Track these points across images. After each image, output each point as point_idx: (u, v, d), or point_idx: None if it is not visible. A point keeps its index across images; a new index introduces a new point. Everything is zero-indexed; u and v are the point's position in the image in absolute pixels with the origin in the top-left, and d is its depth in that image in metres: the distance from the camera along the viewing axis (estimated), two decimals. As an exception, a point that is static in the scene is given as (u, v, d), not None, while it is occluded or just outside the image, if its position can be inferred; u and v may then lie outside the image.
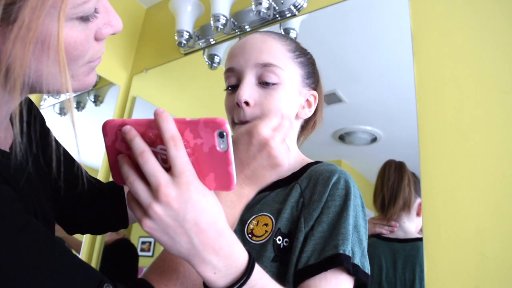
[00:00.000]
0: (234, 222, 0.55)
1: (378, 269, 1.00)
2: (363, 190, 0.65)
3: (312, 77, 0.76)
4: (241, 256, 0.46)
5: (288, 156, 0.56)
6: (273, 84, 0.68)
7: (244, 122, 0.67)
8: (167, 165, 0.43)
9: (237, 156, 0.54)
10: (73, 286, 0.40)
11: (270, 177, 0.56)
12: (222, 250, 0.44)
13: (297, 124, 0.76)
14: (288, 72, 0.70)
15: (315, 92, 0.75)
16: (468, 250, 0.90)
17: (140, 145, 0.42)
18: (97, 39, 0.46)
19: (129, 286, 0.47)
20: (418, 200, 1.03)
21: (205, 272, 0.44)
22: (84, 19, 0.42)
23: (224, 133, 0.42)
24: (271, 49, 0.69)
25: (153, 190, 0.41)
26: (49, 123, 0.66)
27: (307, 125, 0.80)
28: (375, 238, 1.05)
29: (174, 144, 0.41)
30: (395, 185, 1.06)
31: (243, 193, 0.55)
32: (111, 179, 0.52)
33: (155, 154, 0.43)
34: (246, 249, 0.47)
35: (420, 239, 0.97)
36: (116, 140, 0.45)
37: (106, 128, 0.44)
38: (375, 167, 1.11)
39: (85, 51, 0.44)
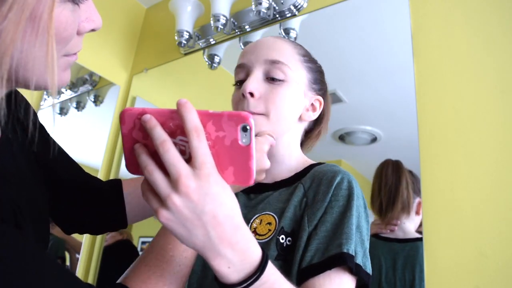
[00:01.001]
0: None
1: (378, 269, 1.00)
2: (363, 190, 0.65)
3: (319, 84, 0.78)
4: (256, 251, 0.46)
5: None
6: (280, 80, 0.70)
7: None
8: (185, 156, 0.42)
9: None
10: None
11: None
12: (238, 245, 0.43)
13: (301, 127, 0.77)
14: (296, 72, 0.72)
15: (320, 98, 0.77)
16: (468, 250, 0.90)
17: (161, 134, 0.41)
18: (78, 32, 0.45)
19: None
20: (417, 200, 1.03)
21: (219, 265, 0.43)
22: (75, 1, 0.42)
23: (248, 127, 0.42)
24: (281, 49, 0.72)
25: (173, 181, 0.40)
26: (48, 123, 0.66)
27: (311, 133, 0.81)
28: (374, 238, 1.05)
29: (196, 135, 0.41)
30: (392, 188, 1.05)
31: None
32: (111, 178, 0.51)
33: (174, 144, 0.42)
34: (260, 246, 0.47)
35: (420, 239, 0.97)
36: (133, 128, 0.44)
37: (125, 116, 0.44)
38: (375, 167, 1.11)
39: (72, 36, 0.44)
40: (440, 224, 0.95)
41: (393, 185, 1.05)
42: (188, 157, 0.42)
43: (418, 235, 1.00)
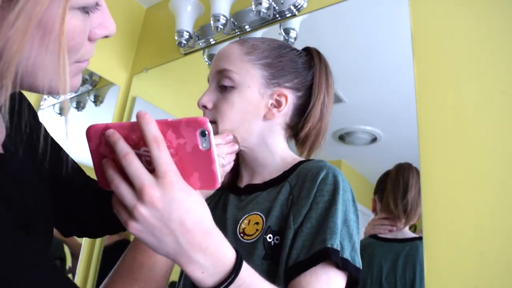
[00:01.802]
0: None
1: (378, 270, 1.00)
2: (363, 190, 0.65)
3: (284, 76, 0.74)
4: (228, 254, 0.46)
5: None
6: (230, 87, 0.72)
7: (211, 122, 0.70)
8: (151, 167, 0.43)
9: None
10: None
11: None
12: (208, 249, 0.44)
13: (273, 125, 0.75)
14: (244, 76, 0.72)
15: (283, 90, 0.73)
16: (468, 249, 0.90)
17: (123, 148, 0.42)
18: (90, 39, 0.45)
19: None
20: None
21: (193, 271, 0.44)
22: (86, 10, 0.42)
23: (206, 132, 0.42)
24: (228, 55, 0.74)
25: (137, 192, 0.41)
26: (48, 123, 0.66)
27: (304, 144, 0.77)
28: (373, 239, 1.05)
29: (156, 145, 0.41)
30: (416, 197, 1.02)
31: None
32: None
33: (139, 156, 0.43)
34: (234, 248, 0.47)
35: (419, 238, 0.97)
36: (100, 144, 0.45)
37: (90, 132, 0.44)
38: (375, 167, 1.11)
39: (81, 45, 0.43)
40: (440, 224, 0.95)
41: (417, 194, 1.02)
42: (154, 168, 0.42)
43: (415, 235, 1.01)
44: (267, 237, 0.63)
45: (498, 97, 0.97)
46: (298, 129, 0.77)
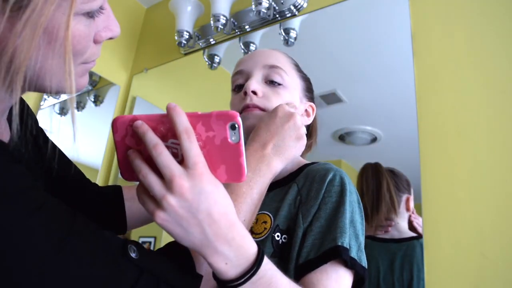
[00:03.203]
0: (264, 190, 0.61)
1: (375, 270, 1.00)
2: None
3: (310, 92, 0.82)
4: (251, 247, 0.47)
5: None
6: (279, 84, 0.74)
7: (245, 109, 0.72)
8: (178, 158, 0.44)
9: (267, 128, 0.63)
10: (98, 255, 0.41)
11: (295, 150, 0.64)
12: (233, 241, 0.45)
13: None
14: (292, 78, 0.76)
15: (313, 104, 0.81)
16: (468, 250, 0.90)
17: (153, 139, 0.43)
18: (95, 41, 0.46)
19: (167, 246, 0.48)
20: (404, 197, 1.04)
21: (217, 262, 0.45)
22: (90, 15, 0.43)
23: (236, 125, 0.43)
24: (278, 57, 0.77)
25: (167, 182, 0.42)
26: (48, 123, 0.66)
27: (311, 137, 0.84)
28: (370, 239, 1.05)
29: (187, 136, 0.42)
30: (374, 193, 1.06)
31: (272, 164, 0.61)
32: (111, 179, 0.52)
33: (166, 148, 0.44)
34: (256, 241, 0.48)
35: (416, 238, 0.97)
36: (126, 135, 0.45)
37: (117, 123, 0.45)
38: (375, 167, 1.11)
39: (87, 48, 0.45)
40: (440, 224, 0.95)
41: (375, 189, 1.06)
42: (181, 159, 0.43)
43: (413, 234, 1.01)
44: (275, 235, 0.64)
45: (498, 97, 0.97)
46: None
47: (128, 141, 0.46)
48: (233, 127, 0.43)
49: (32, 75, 0.41)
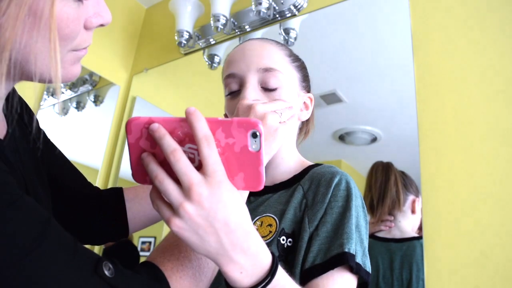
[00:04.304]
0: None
1: (375, 269, 1.00)
2: (362, 190, 0.65)
3: (307, 80, 0.78)
4: (266, 256, 0.46)
5: (283, 138, 0.59)
6: (275, 89, 0.69)
7: None
8: (194, 164, 0.43)
9: None
10: (67, 267, 0.38)
11: (270, 151, 0.57)
12: (249, 250, 0.44)
13: (296, 126, 0.77)
14: (288, 76, 0.71)
15: (311, 95, 0.77)
16: (468, 250, 0.90)
17: (171, 143, 0.42)
18: (86, 27, 0.45)
19: (134, 267, 0.46)
20: (410, 198, 1.04)
21: (232, 271, 0.44)
22: None
23: (258, 133, 0.43)
24: (270, 54, 0.71)
25: (185, 189, 0.41)
26: (48, 123, 0.66)
27: (300, 131, 0.81)
28: (371, 238, 1.05)
29: (207, 143, 0.41)
30: (382, 185, 1.06)
31: None
32: (111, 179, 0.52)
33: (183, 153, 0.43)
34: (270, 251, 0.48)
35: (417, 238, 0.97)
36: (140, 138, 0.44)
37: (131, 125, 0.44)
38: (375, 167, 1.11)
39: (76, 33, 0.44)
40: (440, 224, 0.95)
41: (383, 182, 1.07)
42: (198, 165, 0.43)
43: (414, 235, 1.01)
44: (281, 239, 0.63)
45: (498, 97, 0.97)
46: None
47: (142, 144, 0.45)
48: (254, 135, 0.43)
49: (18, 57, 0.40)
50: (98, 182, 1.78)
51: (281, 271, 0.48)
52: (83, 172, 0.72)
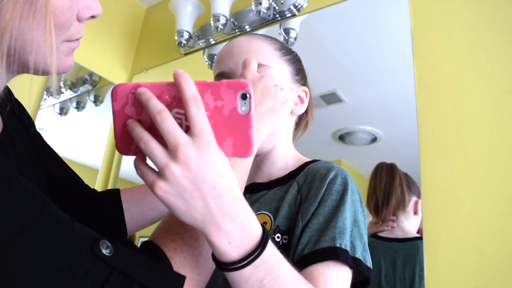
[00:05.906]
0: (247, 169, 0.53)
1: (377, 269, 1.00)
2: (362, 190, 0.65)
3: (301, 73, 0.76)
4: (256, 226, 0.44)
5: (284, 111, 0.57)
6: None
7: None
8: (182, 129, 0.41)
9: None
10: (63, 247, 0.36)
11: (271, 123, 0.54)
12: (238, 218, 0.42)
13: (292, 122, 0.76)
14: (278, 70, 0.70)
15: (305, 88, 0.75)
16: (468, 249, 0.90)
17: (157, 105, 0.40)
18: (78, 19, 0.46)
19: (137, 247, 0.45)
20: (413, 199, 1.04)
21: (219, 241, 0.41)
22: None
23: (248, 95, 0.41)
24: (259, 49, 0.70)
25: (171, 149, 0.39)
26: (48, 123, 0.66)
27: (299, 125, 0.80)
28: (373, 238, 1.05)
29: (195, 103, 0.40)
30: (387, 186, 1.07)
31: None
32: (111, 179, 0.51)
33: None
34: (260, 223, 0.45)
35: (419, 238, 0.97)
36: (126, 104, 0.43)
37: (117, 92, 0.42)
38: (375, 167, 1.11)
39: (70, 22, 0.44)
40: (440, 224, 0.95)
41: (387, 182, 1.07)
42: (185, 130, 0.41)
43: (417, 235, 1.01)
44: (276, 236, 0.62)
45: (498, 97, 0.97)
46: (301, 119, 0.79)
47: (128, 111, 0.43)
48: (244, 97, 0.41)
49: (16, 43, 0.40)
50: (98, 182, 1.78)
51: (271, 246, 0.45)
52: (83, 172, 0.71)
